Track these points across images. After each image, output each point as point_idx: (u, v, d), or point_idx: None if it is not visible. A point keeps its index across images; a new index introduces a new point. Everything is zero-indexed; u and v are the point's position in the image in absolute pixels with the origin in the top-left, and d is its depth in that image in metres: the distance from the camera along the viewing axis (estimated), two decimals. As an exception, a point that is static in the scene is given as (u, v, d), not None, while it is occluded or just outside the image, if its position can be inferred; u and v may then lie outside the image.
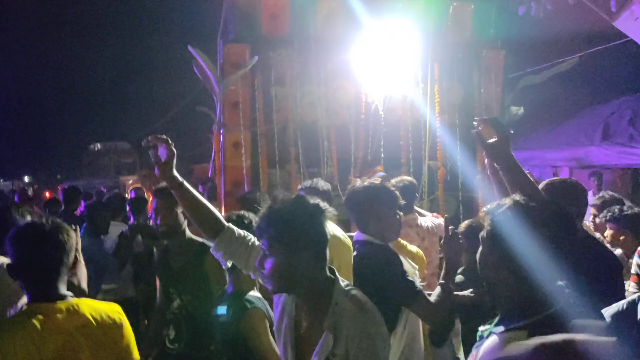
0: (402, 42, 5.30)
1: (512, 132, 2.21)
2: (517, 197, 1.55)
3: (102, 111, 23.09)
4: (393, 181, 4.07)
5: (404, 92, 5.45)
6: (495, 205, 1.57)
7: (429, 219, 4.18)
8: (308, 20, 5.23)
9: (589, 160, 9.46)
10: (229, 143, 5.08)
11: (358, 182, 2.70)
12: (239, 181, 5.07)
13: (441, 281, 2.43)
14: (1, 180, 23.57)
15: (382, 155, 5.51)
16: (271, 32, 5.10)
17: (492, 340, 1.48)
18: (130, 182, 17.43)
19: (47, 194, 15.39)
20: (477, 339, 1.59)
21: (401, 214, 2.66)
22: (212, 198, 7.22)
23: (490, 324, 1.55)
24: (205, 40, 5.08)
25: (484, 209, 1.63)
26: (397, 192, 2.60)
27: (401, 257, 2.60)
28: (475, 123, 2.18)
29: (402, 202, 2.63)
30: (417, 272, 2.81)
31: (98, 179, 19.68)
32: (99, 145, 25.07)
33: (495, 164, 2.13)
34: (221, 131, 5.08)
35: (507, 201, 1.55)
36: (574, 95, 8.85)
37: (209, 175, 5.49)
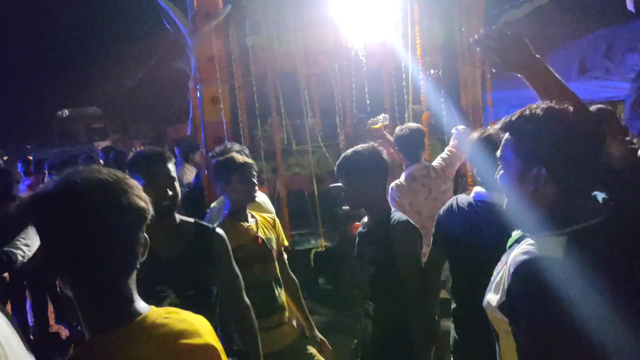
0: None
1: (494, 70, 1.94)
2: (542, 104, 1.44)
3: (68, 75, 22.30)
4: (397, 129, 4.00)
5: (384, 36, 5.29)
6: (517, 116, 1.47)
7: (437, 160, 4.17)
8: (281, -36, 4.99)
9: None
10: (207, 98, 4.90)
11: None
12: (220, 137, 4.92)
13: None
14: (-32, 153, 22.86)
15: (368, 102, 5.40)
16: (243, -21, 4.86)
17: (528, 242, 1.43)
18: (104, 146, 17.11)
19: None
20: (507, 247, 1.56)
21: None
22: (186, 158, 7.07)
23: (524, 231, 1.51)
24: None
25: (502, 121, 1.52)
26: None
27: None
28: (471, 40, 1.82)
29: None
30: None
31: (70, 146, 19.23)
32: (67, 112, 24.41)
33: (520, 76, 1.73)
34: (198, 87, 4.89)
35: (528, 111, 1.45)
36: (552, 30, 8.76)
37: (188, 133, 5.33)
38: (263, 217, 3.15)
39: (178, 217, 2.41)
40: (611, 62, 9.47)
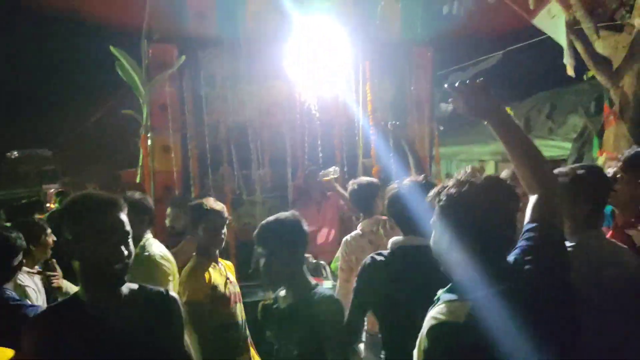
0: (333, 41, 5.29)
1: (441, 128, 2.25)
2: (463, 177, 1.58)
3: (19, 116, 21.80)
4: (350, 183, 4.04)
5: (336, 91, 5.44)
6: (440, 189, 1.61)
7: None
8: (237, 18, 5.11)
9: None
10: (158, 146, 4.89)
11: None
12: (170, 186, 4.89)
13: None
14: None
15: (320, 155, 5.48)
16: (199, 31, 4.95)
17: (439, 305, 1.53)
18: (53, 190, 16.62)
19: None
20: (434, 303, 1.63)
21: None
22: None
23: (446, 290, 1.59)
24: (129, 41, 4.85)
25: (432, 192, 1.66)
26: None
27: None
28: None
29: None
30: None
31: (19, 189, 18.57)
32: (16, 153, 23.71)
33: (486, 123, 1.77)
34: (149, 135, 4.88)
35: (451, 182, 1.59)
36: (497, 91, 9.20)
37: (137, 180, 5.26)
38: (224, 262, 3.24)
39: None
40: (554, 123, 9.96)
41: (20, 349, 1.66)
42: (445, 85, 1.87)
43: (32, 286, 3.17)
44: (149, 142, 4.93)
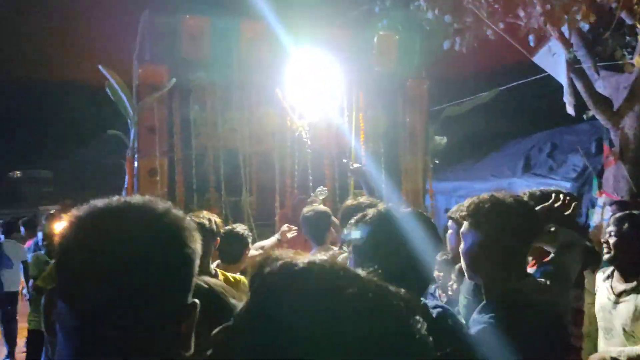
0: (327, 70, 5.24)
1: (437, 162, 2.61)
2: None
3: (22, 137, 21.93)
4: (304, 210, 3.90)
5: (329, 120, 5.36)
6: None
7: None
8: (231, 44, 5.06)
9: (513, 191, 9.72)
10: (144, 170, 4.79)
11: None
12: (154, 210, 4.76)
13: None
14: None
15: (311, 184, 5.37)
16: (191, 55, 4.89)
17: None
18: (52, 211, 16.49)
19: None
20: None
21: None
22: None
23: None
24: (121, 62, 4.82)
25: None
26: None
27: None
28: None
29: None
30: None
31: (16, 209, 18.50)
32: (18, 173, 23.76)
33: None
34: (135, 157, 4.78)
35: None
36: (496, 127, 9.14)
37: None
38: (225, 275, 3.08)
39: None
40: (554, 162, 9.89)
41: None
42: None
43: None
44: (135, 164, 4.84)
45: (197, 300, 0.95)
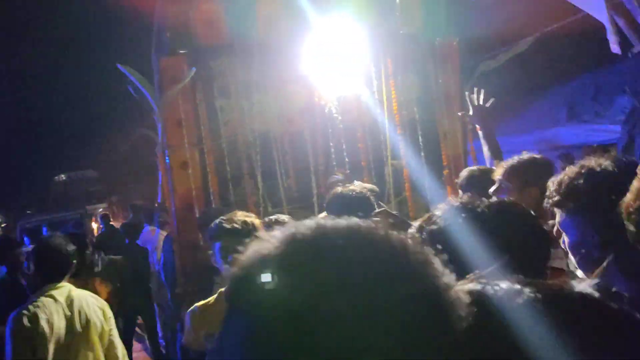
0: (352, 39, 5.01)
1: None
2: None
3: (65, 140, 22.47)
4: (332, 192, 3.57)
5: (358, 91, 5.15)
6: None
7: None
8: (248, 24, 4.87)
9: (558, 141, 9.36)
10: (176, 164, 4.71)
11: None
12: (191, 204, 4.70)
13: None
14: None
15: (346, 160, 5.20)
16: (209, 41, 4.75)
17: None
18: (100, 210, 16.97)
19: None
20: None
21: None
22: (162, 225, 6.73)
23: None
24: (135, 57, 4.71)
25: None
26: None
27: None
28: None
29: None
30: None
31: (66, 211, 19.09)
32: (63, 177, 24.38)
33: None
34: (166, 152, 4.71)
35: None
36: (535, 76, 8.70)
37: (159, 200, 5.12)
38: None
39: None
40: (600, 105, 9.37)
41: None
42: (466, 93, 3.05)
43: None
44: (167, 159, 4.77)
45: None
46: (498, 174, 2.46)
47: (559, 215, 1.47)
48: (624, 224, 1.31)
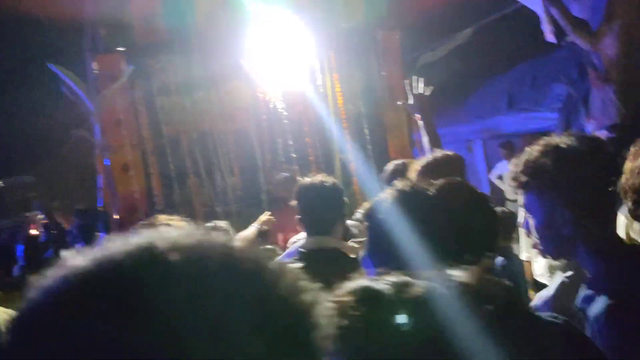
0: (294, 33, 4.96)
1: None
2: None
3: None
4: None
5: (302, 86, 5.11)
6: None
7: None
8: (187, 19, 4.75)
9: (499, 130, 9.60)
10: (117, 166, 4.54)
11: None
12: (135, 207, 4.55)
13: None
14: None
15: (293, 155, 5.15)
16: (146, 38, 4.60)
17: None
18: (39, 217, 16.23)
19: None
20: None
21: None
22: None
23: None
24: (68, 57, 4.51)
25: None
26: None
27: None
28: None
29: None
30: None
31: (6, 219, 18.13)
32: (0, 183, 23.31)
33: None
34: (105, 154, 4.54)
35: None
36: (474, 68, 8.89)
37: (100, 205, 4.92)
38: None
39: None
40: (538, 94, 9.67)
41: None
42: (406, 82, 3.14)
43: None
44: (107, 162, 4.60)
45: None
46: (412, 173, 2.42)
47: (524, 197, 1.43)
48: (595, 202, 1.34)
